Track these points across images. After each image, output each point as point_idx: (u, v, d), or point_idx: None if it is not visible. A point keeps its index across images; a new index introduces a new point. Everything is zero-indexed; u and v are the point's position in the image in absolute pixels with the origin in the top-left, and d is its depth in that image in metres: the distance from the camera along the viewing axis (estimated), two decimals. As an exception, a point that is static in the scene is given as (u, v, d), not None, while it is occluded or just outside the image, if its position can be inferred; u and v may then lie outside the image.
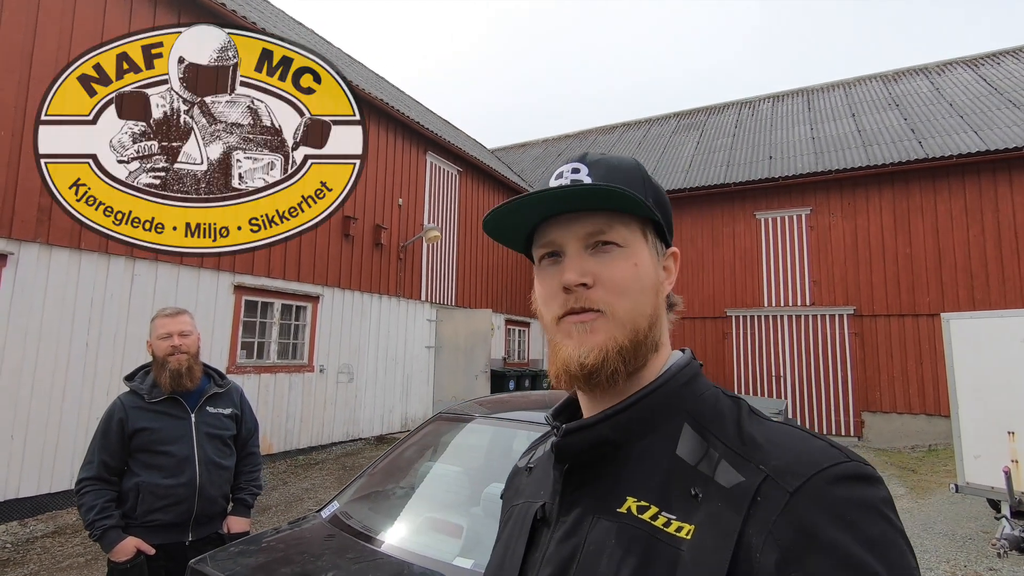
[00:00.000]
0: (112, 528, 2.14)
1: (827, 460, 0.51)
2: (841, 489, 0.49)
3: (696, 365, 0.65)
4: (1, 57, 5.19)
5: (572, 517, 0.60)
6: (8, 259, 5.19)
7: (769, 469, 0.51)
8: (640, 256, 0.63)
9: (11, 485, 5.12)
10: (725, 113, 17.66)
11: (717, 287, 13.06)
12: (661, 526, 0.53)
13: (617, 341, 0.59)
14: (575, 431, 0.61)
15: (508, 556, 0.65)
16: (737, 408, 0.60)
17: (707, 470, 0.54)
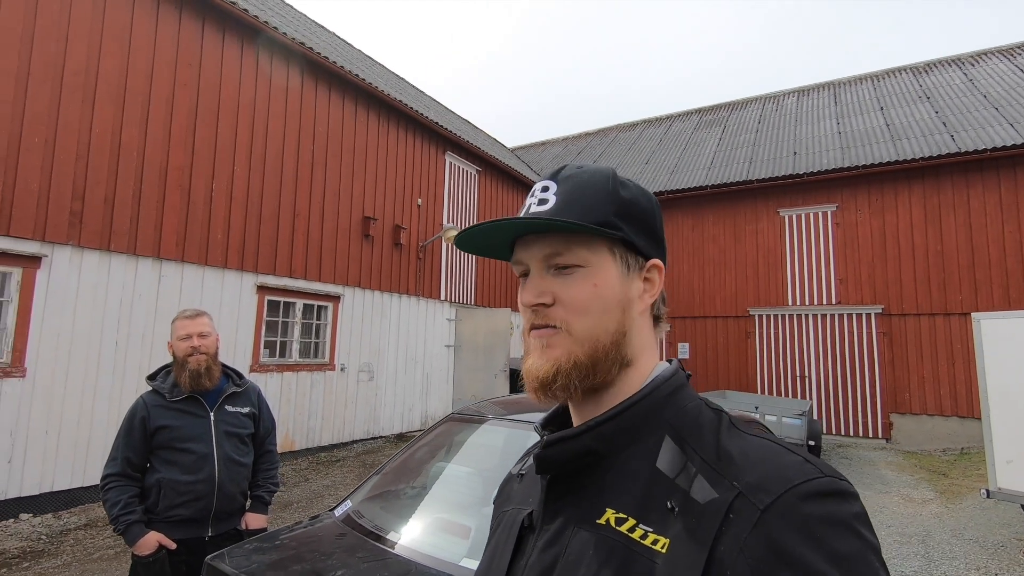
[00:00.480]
0: (135, 523, 2.21)
1: (799, 476, 0.51)
2: (811, 506, 0.49)
3: (681, 376, 0.65)
4: (35, 67, 5.38)
5: (555, 526, 0.61)
6: (42, 261, 5.39)
7: (742, 486, 0.52)
8: (601, 275, 0.63)
9: (46, 479, 5.32)
10: (748, 108, 17.36)
11: (740, 286, 12.86)
12: (638, 538, 0.54)
13: (572, 356, 0.61)
14: (556, 442, 0.62)
15: (495, 561, 0.66)
16: (718, 421, 0.60)
17: (684, 484, 0.55)
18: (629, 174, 16.05)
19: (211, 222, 6.92)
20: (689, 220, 13.75)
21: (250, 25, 7.31)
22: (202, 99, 6.88)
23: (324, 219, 8.53)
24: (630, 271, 0.65)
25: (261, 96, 7.64)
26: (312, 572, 1.65)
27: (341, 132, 8.91)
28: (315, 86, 8.49)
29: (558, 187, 0.65)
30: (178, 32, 6.65)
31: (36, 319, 5.33)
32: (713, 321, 13.12)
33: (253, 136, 7.51)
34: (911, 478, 7.89)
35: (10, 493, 5.09)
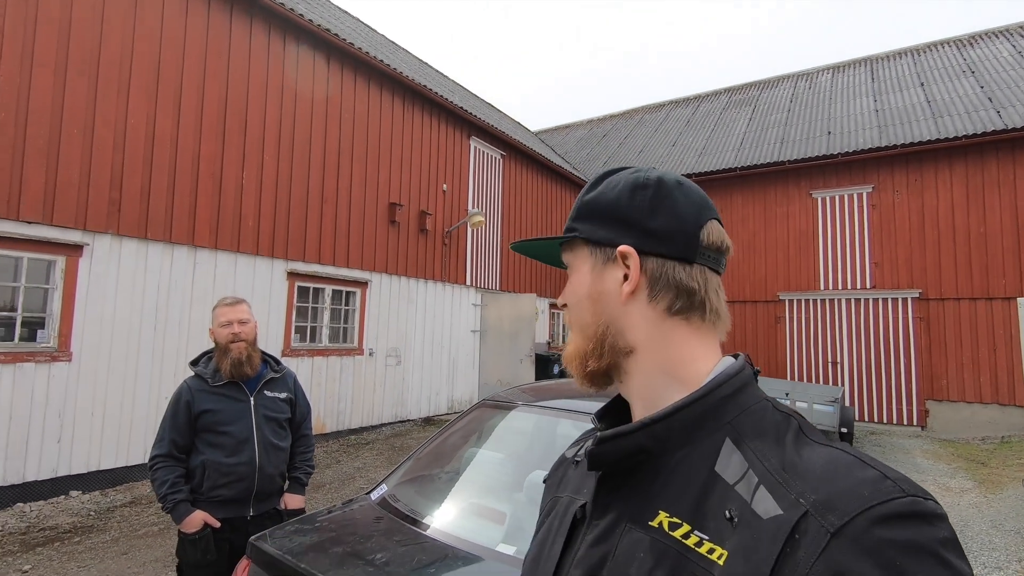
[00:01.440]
0: (182, 502, 2.31)
1: (876, 496, 0.46)
2: (889, 530, 0.44)
3: (748, 374, 0.61)
4: (72, 60, 5.51)
5: (605, 522, 0.60)
6: (84, 250, 5.57)
7: (809, 504, 0.48)
8: (575, 275, 0.70)
9: (93, 458, 5.56)
10: (780, 87, 16.84)
11: (769, 270, 12.61)
12: (693, 545, 0.52)
13: (575, 346, 0.69)
14: (610, 439, 0.60)
15: (547, 550, 0.66)
16: (786, 426, 0.56)
17: (745, 493, 0.52)
18: (655, 157, 15.79)
19: (242, 209, 7.05)
20: (717, 203, 13.47)
21: (277, 13, 7.35)
22: (232, 88, 6.97)
23: (351, 205, 8.61)
24: (600, 263, 0.67)
25: (288, 84, 7.70)
26: (351, 554, 1.69)
27: (367, 118, 8.94)
28: (341, 73, 8.51)
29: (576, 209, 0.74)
30: (207, 22, 6.72)
31: (80, 305, 5.53)
32: (741, 306, 12.91)
33: (281, 124, 7.59)
34: (947, 467, 7.70)
35: (60, 471, 5.33)
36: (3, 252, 5.08)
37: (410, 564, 1.64)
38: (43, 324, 5.36)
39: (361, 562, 1.64)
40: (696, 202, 0.65)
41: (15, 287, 5.19)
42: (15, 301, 5.20)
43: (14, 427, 5.05)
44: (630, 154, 16.84)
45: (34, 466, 5.17)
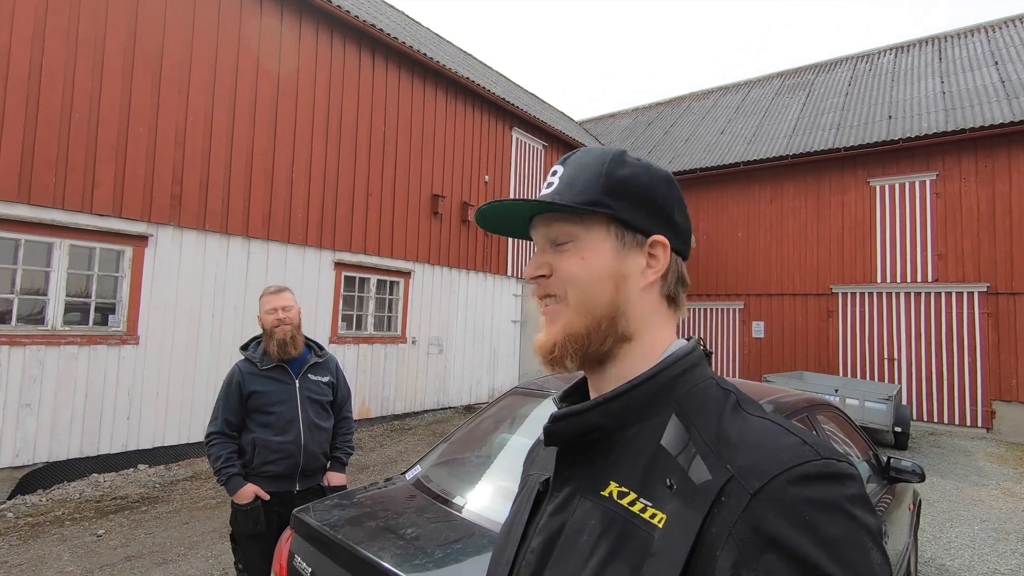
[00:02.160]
0: (235, 476, 2.48)
1: (794, 459, 0.51)
2: (802, 489, 0.49)
3: (698, 355, 0.66)
4: (138, 62, 5.87)
5: (563, 494, 0.64)
6: (149, 240, 5.96)
7: (735, 469, 0.52)
8: (591, 250, 0.66)
9: (158, 435, 5.98)
10: (837, 70, 16.04)
11: (822, 261, 12.11)
12: (638, 511, 0.56)
13: (570, 328, 0.65)
14: (564, 417, 0.64)
15: (515, 521, 0.72)
16: (724, 401, 0.61)
17: (684, 463, 0.56)
18: (702, 145, 15.38)
19: (292, 202, 7.35)
20: (767, 193, 13.04)
21: (325, 11, 7.57)
22: (283, 85, 7.25)
23: (395, 197, 8.82)
24: (626, 247, 0.66)
25: (336, 79, 7.94)
26: (384, 529, 1.80)
27: (411, 111, 9.11)
28: (385, 67, 8.70)
29: (563, 170, 0.69)
30: (260, 23, 7.00)
31: (145, 293, 5.92)
32: (791, 299, 12.48)
33: (328, 118, 7.84)
34: (1014, 471, 7.27)
35: (129, 446, 5.76)
36: (80, 243, 5.49)
37: (439, 540, 1.73)
38: (113, 310, 5.77)
39: (393, 536, 1.74)
40: None
41: (89, 275, 5.61)
42: (89, 288, 5.62)
43: (90, 404, 5.49)
44: (676, 142, 16.46)
45: (107, 440, 5.61)
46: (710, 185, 14.00)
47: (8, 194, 5.00)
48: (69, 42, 5.38)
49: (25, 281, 5.20)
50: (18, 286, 5.14)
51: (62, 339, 5.31)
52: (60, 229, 5.34)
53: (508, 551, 0.69)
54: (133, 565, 3.79)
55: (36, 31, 5.17)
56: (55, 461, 5.26)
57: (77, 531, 4.32)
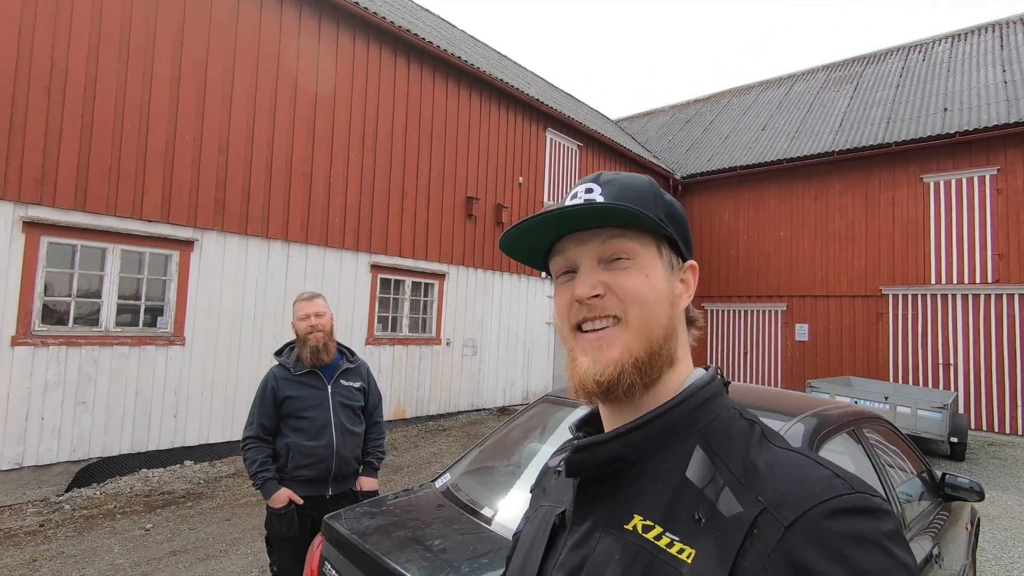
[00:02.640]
0: (270, 479, 2.53)
1: (827, 492, 0.51)
2: (837, 523, 0.49)
3: (717, 384, 0.65)
4: (184, 72, 6.09)
5: (584, 528, 0.63)
6: (194, 245, 6.18)
7: (767, 501, 0.52)
8: (652, 268, 0.64)
9: (203, 432, 6.20)
10: (887, 61, 15.34)
11: (871, 262, 11.61)
12: (664, 546, 0.55)
13: (632, 353, 0.61)
14: (586, 448, 0.63)
15: (529, 556, 0.69)
16: (750, 432, 0.60)
17: (712, 495, 0.55)
18: (743, 141, 14.96)
19: (330, 205, 7.50)
20: (812, 191, 12.58)
21: (361, 17, 7.70)
22: (320, 91, 7.41)
23: (430, 199, 8.90)
24: (673, 270, 0.67)
25: (372, 83, 8.06)
26: (412, 539, 1.79)
27: (445, 114, 9.17)
28: (420, 70, 8.79)
29: (602, 188, 0.67)
30: (299, 32, 7.18)
31: (191, 295, 6.15)
32: (838, 301, 12.00)
33: (365, 123, 7.98)
34: (1084, 487, 6.77)
35: (176, 443, 5.99)
36: (130, 248, 5.74)
37: (466, 552, 1.71)
38: (162, 311, 6.01)
39: (420, 547, 1.73)
40: None
41: (139, 279, 5.86)
42: (139, 291, 5.87)
43: (140, 402, 5.73)
44: (714, 140, 16.07)
45: (156, 437, 5.84)
46: (751, 183, 13.61)
47: (66, 202, 5.27)
48: (121, 56, 5.63)
49: (81, 284, 5.47)
50: (75, 289, 5.41)
51: (114, 340, 5.56)
52: (113, 235, 5.59)
53: None
54: (178, 559, 3.93)
55: (91, 47, 5.43)
56: (108, 456, 5.52)
57: (127, 524, 4.51)
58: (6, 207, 4.96)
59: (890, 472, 2.45)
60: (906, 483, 2.61)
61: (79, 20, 5.36)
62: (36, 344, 5.08)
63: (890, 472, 2.45)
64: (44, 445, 5.13)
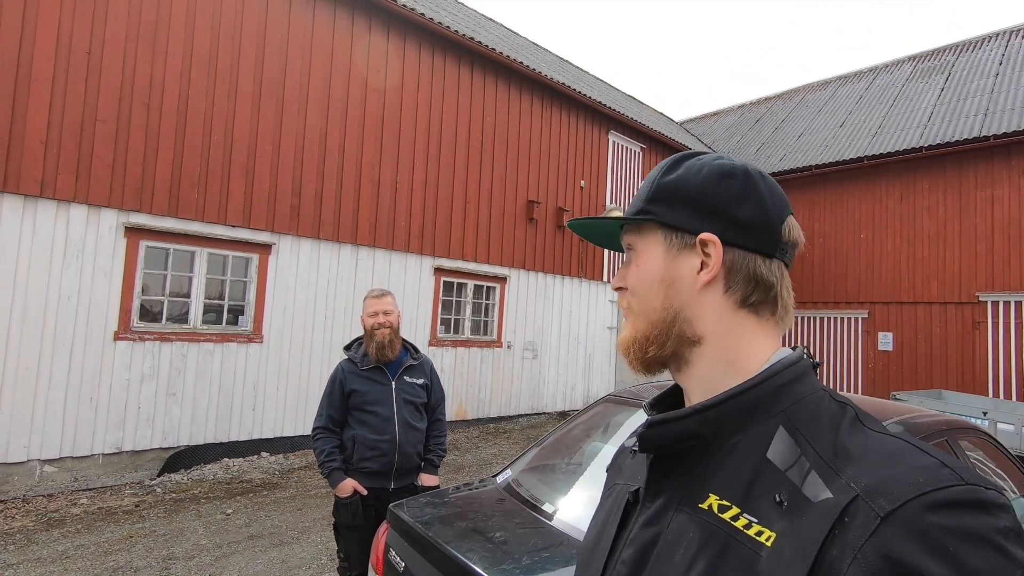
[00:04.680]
0: (336, 469, 2.64)
1: (932, 483, 0.46)
2: (943, 517, 0.44)
3: (804, 364, 0.61)
4: (265, 86, 6.50)
5: (657, 505, 0.62)
6: (272, 248, 6.56)
7: (860, 488, 0.48)
8: (642, 258, 0.68)
9: (278, 426, 6.54)
10: (984, 48, 14.11)
11: (966, 266, 10.67)
12: (741, 527, 0.52)
13: (636, 330, 0.67)
14: (659, 423, 0.61)
15: (604, 532, 0.69)
16: (841, 414, 0.57)
17: (795, 478, 0.52)
18: (818, 140, 14.19)
19: (396, 210, 7.75)
20: (896, 189, 11.73)
21: (428, 28, 7.94)
22: (388, 99, 7.69)
23: (492, 203, 9.01)
24: (674, 248, 0.65)
25: (436, 91, 8.28)
26: (473, 530, 1.81)
27: (507, 119, 9.28)
28: (483, 76, 8.94)
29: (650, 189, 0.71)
30: (368, 44, 7.49)
31: (269, 296, 6.52)
32: (927, 308, 11.10)
33: (429, 129, 8.20)
34: None
35: (254, 435, 6.36)
36: (216, 251, 6.17)
37: (526, 546, 1.71)
38: (242, 311, 6.41)
39: (481, 538, 1.75)
40: (779, 196, 0.66)
41: (223, 280, 6.28)
42: (223, 292, 6.29)
43: (222, 396, 6.13)
44: (787, 139, 15.33)
45: (236, 429, 6.23)
46: (827, 183, 12.87)
47: (161, 209, 5.74)
48: (209, 73, 6.08)
49: (173, 285, 5.93)
50: (167, 289, 5.88)
51: (201, 337, 5.98)
52: (201, 239, 6.03)
53: (596, 562, 0.67)
54: (255, 544, 4.16)
55: (184, 66, 5.90)
56: (194, 445, 5.93)
57: (210, 509, 4.83)
58: (111, 214, 5.46)
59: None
60: (1012, 502, 2.37)
61: (174, 41, 5.84)
62: (134, 339, 5.55)
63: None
64: (140, 432, 5.58)
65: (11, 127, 4.94)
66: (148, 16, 5.67)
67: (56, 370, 5.12)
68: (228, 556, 3.94)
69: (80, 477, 5.24)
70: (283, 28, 6.66)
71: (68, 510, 4.68)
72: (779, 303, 0.64)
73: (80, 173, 5.27)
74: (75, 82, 5.25)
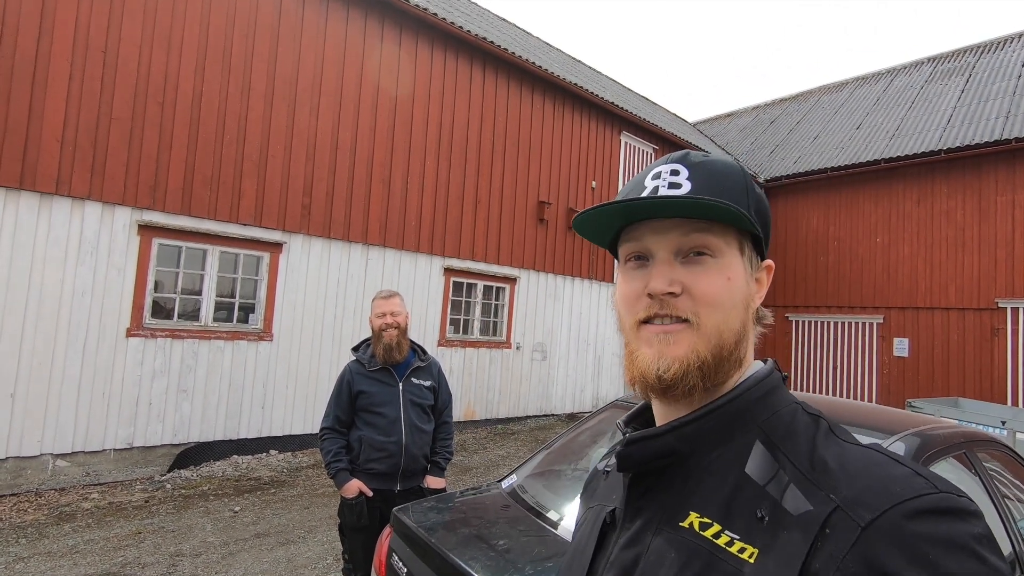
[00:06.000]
0: (343, 470, 2.63)
1: (908, 492, 0.47)
2: (921, 524, 0.45)
3: (776, 377, 0.62)
4: (278, 87, 6.53)
5: (636, 525, 0.60)
6: (283, 247, 6.59)
7: (840, 499, 0.49)
8: (733, 269, 0.60)
9: (287, 423, 6.57)
10: (1007, 49, 13.84)
11: (985, 271, 10.47)
12: (723, 545, 0.52)
13: (700, 356, 0.57)
14: (638, 441, 0.60)
15: (578, 557, 0.67)
16: (815, 427, 0.57)
17: (775, 492, 0.52)
18: (834, 142, 14.01)
19: (406, 210, 7.76)
20: (913, 193, 11.54)
21: (439, 28, 7.93)
22: (400, 99, 7.70)
23: (502, 204, 8.99)
24: (754, 270, 0.64)
25: (448, 90, 8.28)
26: (477, 536, 1.79)
27: (519, 119, 9.25)
28: (495, 76, 8.92)
29: (690, 172, 0.61)
30: (381, 44, 7.50)
31: (279, 294, 6.55)
32: (944, 314, 10.91)
33: (441, 129, 8.19)
34: None
35: (263, 432, 6.39)
36: (227, 249, 6.21)
37: (530, 554, 1.68)
38: (253, 309, 6.45)
39: (484, 545, 1.72)
40: None
41: (234, 278, 6.32)
42: (234, 290, 6.33)
43: (232, 393, 6.16)
44: (802, 141, 15.15)
45: (245, 426, 6.26)
46: (843, 186, 12.69)
47: (174, 207, 5.78)
48: (223, 72, 6.12)
49: (185, 283, 5.98)
50: (179, 287, 5.92)
51: (212, 334, 6.02)
52: (213, 237, 6.07)
53: None
54: (262, 542, 4.17)
55: (198, 64, 5.94)
56: (204, 441, 5.97)
57: (218, 506, 4.86)
58: (125, 212, 5.51)
59: (1010, 505, 2.17)
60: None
61: (188, 40, 5.88)
62: (146, 336, 5.60)
63: (1010, 505, 2.17)
64: (151, 428, 5.63)
65: (28, 125, 5.00)
66: (163, 15, 5.71)
67: (69, 365, 5.18)
68: (235, 554, 3.96)
69: (92, 472, 5.29)
70: (296, 27, 6.69)
71: (79, 504, 4.73)
72: None
73: (95, 171, 5.33)
74: (91, 80, 5.31)
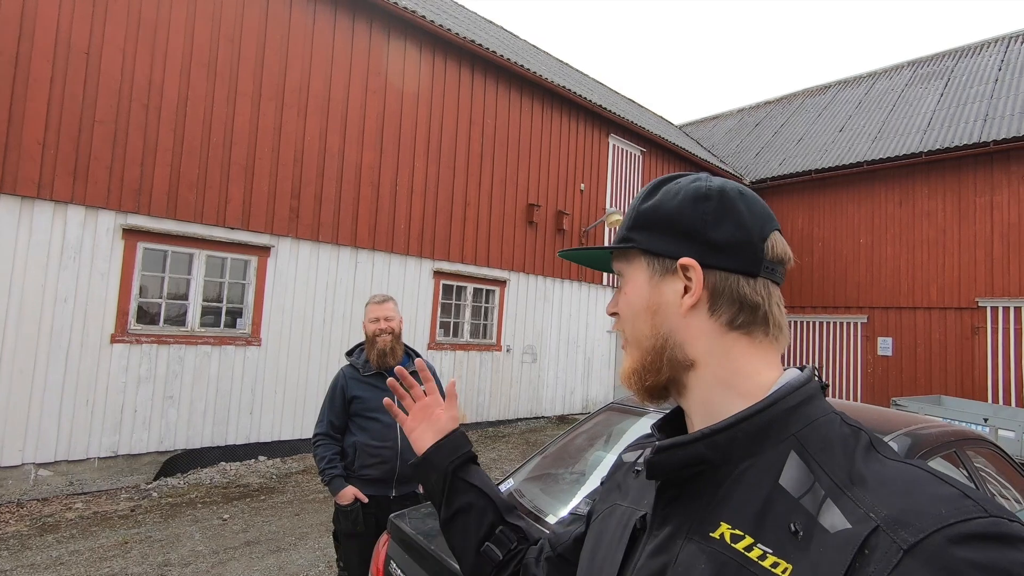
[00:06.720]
0: (337, 477, 2.60)
1: (955, 515, 0.45)
2: (969, 551, 0.42)
3: (813, 386, 0.60)
4: (265, 89, 6.46)
5: (665, 532, 0.59)
6: (271, 251, 6.52)
7: (880, 519, 0.46)
8: (629, 284, 0.69)
9: (275, 429, 6.49)
10: (984, 54, 14.15)
11: (965, 271, 10.68)
12: (756, 558, 0.51)
13: (632, 362, 0.67)
14: (667, 448, 0.59)
15: (607, 560, 0.66)
16: (855, 440, 0.55)
17: (810, 507, 0.51)
18: (817, 144, 14.21)
19: (395, 213, 7.72)
20: (895, 195, 11.75)
21: (428, 31, 7.92)
22: (388, 102, 7.67)
23: (492, 207, 8.98)
24: (658, 275, 0.66)
25: (436, 93, 8.26)
26: (477, 543, 1.77)
27: (507, 122, 9.26)
28: (484, 79, 8.92)
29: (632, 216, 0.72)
30: (369, 44, 7.46)
31: (267, 298, 6.48)
32: (926, 313, 11.11)
33: (430, 132, 8.17)
34: None
35: (251, 438, 6.31)
36: (214, 253, 6.13)
37: (530, 560, 1.67)
38: (240, 313, 6.37)
39: (484, 552, 1.71)
40: (759, 213, 0.65)
41: (221, 282, 6.23)
42: (221, 294, 6.24)
43: (219, 399, 6.08)
44: (787, 143, 15.35)
45: (233, 432, 6.18)
46: (827, 188, 12.88)
47: (159, 211, 5.70)
48: (209, 75, 6.04)
49: (171, 288, 5.89)
50: (165, 292, 5.83)
51: (199, 339, 5.94)
52: (199, 241, 5.99)
53: None
54: (252, 550, 4.12)
55: (183, 67, 5.87)
56: (191, 448, 5.88)
57: (207, 513, 4.78)
58: (109, 216, 5.42)
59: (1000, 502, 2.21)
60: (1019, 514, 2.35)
61: (173, 42, 5.81)
62: (131, 342, 5.50)
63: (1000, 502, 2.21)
64: (136, 436, 5.53)
65: (8, 128, 4.90)
66: (147, 17, 5.64)
67: (52, 372, 5.07)
68: (225, 563, 3.90)
69: (75, 481, 5.19)
70: (283, 30, 6.63)
71: (63, 515, 4.63)
72: (770, 322, 0.63)
73: (78, 174, 5.23)
74: (73, 83, 5.21)
